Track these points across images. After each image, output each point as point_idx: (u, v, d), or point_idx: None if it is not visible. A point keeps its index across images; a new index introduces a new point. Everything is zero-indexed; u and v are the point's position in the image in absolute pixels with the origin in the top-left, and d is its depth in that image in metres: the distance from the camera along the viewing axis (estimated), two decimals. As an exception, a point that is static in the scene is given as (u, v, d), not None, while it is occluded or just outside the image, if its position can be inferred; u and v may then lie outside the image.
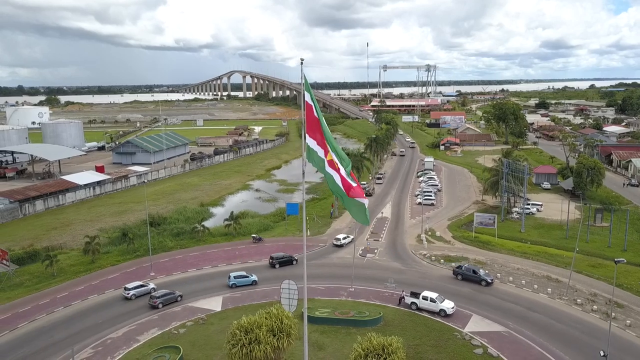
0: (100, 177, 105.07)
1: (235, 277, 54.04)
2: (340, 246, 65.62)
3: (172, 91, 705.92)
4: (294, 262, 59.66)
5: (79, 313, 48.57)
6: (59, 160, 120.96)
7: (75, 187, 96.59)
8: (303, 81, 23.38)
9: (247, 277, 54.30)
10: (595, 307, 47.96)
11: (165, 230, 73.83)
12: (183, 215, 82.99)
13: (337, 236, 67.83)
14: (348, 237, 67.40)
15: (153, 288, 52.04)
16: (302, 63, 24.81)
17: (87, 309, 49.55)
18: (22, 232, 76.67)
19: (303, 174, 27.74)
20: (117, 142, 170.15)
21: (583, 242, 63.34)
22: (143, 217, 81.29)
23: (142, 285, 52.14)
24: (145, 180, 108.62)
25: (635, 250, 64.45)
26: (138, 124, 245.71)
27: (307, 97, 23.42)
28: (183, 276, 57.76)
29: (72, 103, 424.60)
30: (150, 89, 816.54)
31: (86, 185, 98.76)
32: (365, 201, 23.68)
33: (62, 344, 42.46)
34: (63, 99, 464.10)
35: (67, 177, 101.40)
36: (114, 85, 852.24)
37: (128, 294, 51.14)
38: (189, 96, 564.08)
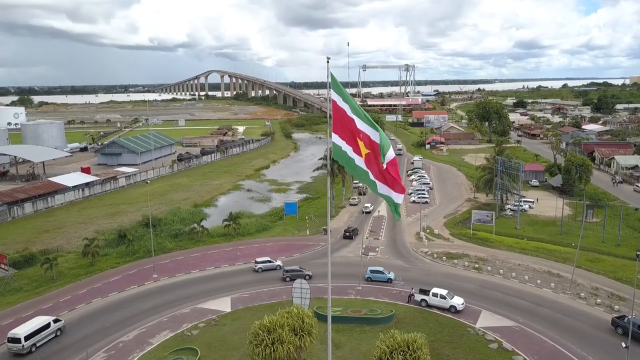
0: (88, 178, 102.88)
1: (371, 272, 54.82)
2: (370, 212, 76.16)
3: (148, 91, 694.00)
4: (358, 233, 70.15)
5: (85, 317, 47.63)
6: (43, 162, 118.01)
7: (64, 189, 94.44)
8: (329, 79, 23.16)
9: (384, 273, 54.78)
10: (598, 300, 49.26)
11: (162, 231, 72.68)
12: (177, 216, 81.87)
13: (366, 204, 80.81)
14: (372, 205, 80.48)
15: (278, 265, 58.27)
16: (328, 62, 24.43)
17: (93, 311, 48.66)
18: (13, 235, 74.66)
19: (328, 168, 28.01)
20: (99, 143, 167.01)
21: (577, 237, 64.75)
22: (137, 218, 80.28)
23: (269, 261, 58.70)
24: (148, 180, 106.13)
25: (628, 244, 66.33)
26: (118, 125, 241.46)
27: (335, 96, 23.26)
28: (187, 277, 57.24)
29: (47, 103, 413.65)
30: (125, 88, 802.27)
31: (75, 187, 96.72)
32: (399, 198, 23.00)
33: (72, 348, 41.67)
34: (35, 99, 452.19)
35: (54, 179, 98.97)
36: (88, 85, 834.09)
37: (256, 267, 57.92)
38: (166, 96, 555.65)
